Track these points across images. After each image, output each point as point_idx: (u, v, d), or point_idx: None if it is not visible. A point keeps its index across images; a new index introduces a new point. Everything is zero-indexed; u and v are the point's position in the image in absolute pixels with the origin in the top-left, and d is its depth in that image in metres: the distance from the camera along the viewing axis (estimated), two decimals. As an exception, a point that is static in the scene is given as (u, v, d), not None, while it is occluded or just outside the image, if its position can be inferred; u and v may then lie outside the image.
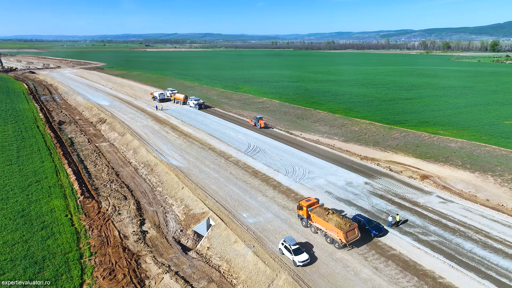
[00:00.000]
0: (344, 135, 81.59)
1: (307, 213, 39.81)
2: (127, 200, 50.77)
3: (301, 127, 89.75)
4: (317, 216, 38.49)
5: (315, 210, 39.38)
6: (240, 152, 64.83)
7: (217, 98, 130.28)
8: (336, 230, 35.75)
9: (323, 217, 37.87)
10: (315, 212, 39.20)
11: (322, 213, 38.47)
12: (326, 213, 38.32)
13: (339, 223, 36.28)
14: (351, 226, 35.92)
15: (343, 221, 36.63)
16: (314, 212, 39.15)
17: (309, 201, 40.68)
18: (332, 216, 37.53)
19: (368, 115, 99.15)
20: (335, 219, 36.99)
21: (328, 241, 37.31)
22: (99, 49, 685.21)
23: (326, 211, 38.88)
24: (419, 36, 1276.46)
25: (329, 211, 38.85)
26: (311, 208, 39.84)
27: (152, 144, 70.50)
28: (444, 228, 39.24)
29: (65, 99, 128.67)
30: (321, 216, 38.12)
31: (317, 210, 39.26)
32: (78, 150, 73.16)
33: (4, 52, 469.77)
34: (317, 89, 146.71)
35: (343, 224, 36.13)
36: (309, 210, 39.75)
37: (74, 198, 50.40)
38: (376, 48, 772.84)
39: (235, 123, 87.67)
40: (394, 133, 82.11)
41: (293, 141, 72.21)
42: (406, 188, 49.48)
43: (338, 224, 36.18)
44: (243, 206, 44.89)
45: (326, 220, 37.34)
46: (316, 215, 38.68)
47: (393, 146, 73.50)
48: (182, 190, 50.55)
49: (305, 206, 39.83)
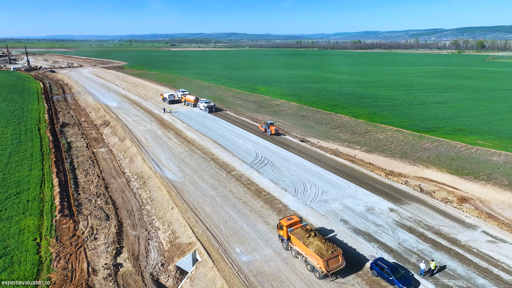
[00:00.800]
0: (367, 144, 72.28)
1: (287, 234, 33.91)
2: (109, 220, 43.95)
3: (319, 133, 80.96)
4: (297, 238, 32.66)
5: (296, 232, 33.52)
6: (245, 164, 56.90)
7: (232, 99, 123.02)
8: (316, 257, 30.21)
9: (303, 240, 32.09)
10: (295, 233, 33.36)
11: (303, 236, 32.64)
12: (307, 236, 32.36)
13: (320, 249, 30.64)
14: (334, 253, 30.10)
15: (325, 246, 30.83)
16: (295, 234, 33.32)
17: (291, 220, 34.77)
18: (313, 240, 31.75)
19: (395, 121, 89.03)
20: (316, 243, 31.07)
21: (309, 268, 31.37)
22: (125, 49, 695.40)
23: (308, 232, 32.95)
24: (450, 35, 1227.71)
25: (311, 233, 32.98)
26: (292, 229, 33.83)
27: (151, 152, 63.74)
28: (497, 283, 29.79)
29: (76, 99, 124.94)
30: (301, 239, 32.31)
31: (298, 232, 33.39)
32: (74, 156, 67.47)
33: (34, 51, 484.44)
34: (339, 91, 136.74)
35: (325, 250, 30.50)
36: (289, 231, 33.73)
37: (50, 216, 44.08)
38: (405, 47, 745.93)
39: (245, 129, 79.84)
40: (425, 143, 72.08)
41: (307, 152, 63.54)
42: (442, 219, 40.00)
43: (319, 250, 30.54)
44: (238, 236, 36.94)
45: (306, 244, 31.60)
46: (296, 237, 32.87)
47: (423, 158, 63.76)
48: (172, 211, 43.20)
49: (285, 226, 34.03)
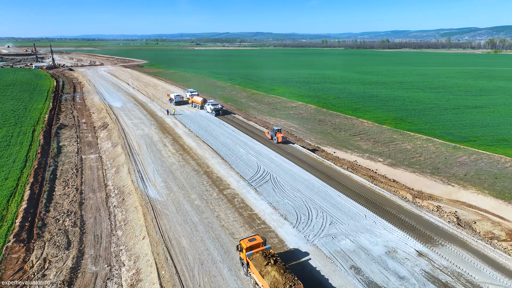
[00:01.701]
0: (391, 156, 62.13)
1: (246, 258, 28.57)
2: (69, 249, 36.36)
3: (336, 141, 71.23)
4: (254, 265, 27.31)
5: (255, 257, 27.90)
6: (243, 180, 48.04)
7: (245, 101, 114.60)
8: None
9: (259, 269, 26.68)
10: (253, 259, 27.78)
11: (260, 263, 27.03)
12: (265, 263, 26.72)
13: (276, 282, 24.95)
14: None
15: (283, 278, 25.05)
16: (252, 260, 27.77)
17: (253, 241, 29.21)
18: (270, 269, 26.02)
19: (425, 128, 77.90)
20: (272, 274, 25.64)
21: None
22: (150, 47, 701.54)
23: (266, 259, 27.10)
24: (485, 34, 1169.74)
25: (270, 259, 27.06)
26: (251, 253, 28.31)
27: (140, 161, 56.12)
28: None
29: (84, 98, 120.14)
30: (258, 267, 26.88)
31: (257, 258, 27.70)
32: (60, 163, 60.91)
33: (62, 50, 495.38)
34: (363, 93, 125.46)
35: (282, 283, 24.74)
36: (247, 255, 28.32)
37: (3, 242, 37.02)
38: (436, 47, 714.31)
39: (251, 136, 71.01)
40: (461, 155, 61.20)
41: (318, 167, 53.92)
42: (492, 272, 29.68)
43: (274, 284, 24.89)
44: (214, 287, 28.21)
45: (262, 274, 26.14)
46: (254, 263, 27.41)
47: (459, 175, 53.24)
48: (142, 242, 35.10)
49: (245, 249, 28.76)
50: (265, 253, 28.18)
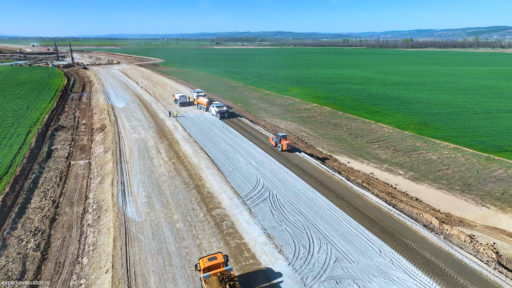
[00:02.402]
0: (414, 168, 54.25)
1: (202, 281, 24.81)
2: (21, 281, 30.63)
3: (351, 149, 63.65)
4: None
5: (210, 280, 24.00)
6: (237, 197, 41.27)
7: (256, 102, 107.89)
8: None
9: None
10: (209, 282, 24.02)
11: (216, 287, 23.35)
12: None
13: None
14: None
15: None
16: (208, 283, 24.04)
17: (213, 261, 25.45)
18: None
19: (453, 135, 69.27)
20: None
21: None
22: (169, 47, 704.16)
23: (221, 284, 23.33)
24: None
25: (226, 285, 23.25)
26: (207, 274, 24.49)
27: (126, 171, 50.26)
28: None
29: (90, 98, 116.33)
30: None
31: (212, 280, 23.85)
32: (45, 170, 55.94)
33: (83, 48, 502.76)
34: (383, 94, 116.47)
35: None
36: (203, 277, 24.44)
37: (-50, 268, 31.74)
38: (462, 46, 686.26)
39: (255, 142, 64.13)
40: (496, 169, 52.89)
41: (327, 182, 46.52)
42: None
43: None
44: None
45: None
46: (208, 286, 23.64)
47: (496, 194, 45.17)
48: (104, 277, 28.96)
49: (202, 269, 25.21)
50: (223, 275, 23.86)
